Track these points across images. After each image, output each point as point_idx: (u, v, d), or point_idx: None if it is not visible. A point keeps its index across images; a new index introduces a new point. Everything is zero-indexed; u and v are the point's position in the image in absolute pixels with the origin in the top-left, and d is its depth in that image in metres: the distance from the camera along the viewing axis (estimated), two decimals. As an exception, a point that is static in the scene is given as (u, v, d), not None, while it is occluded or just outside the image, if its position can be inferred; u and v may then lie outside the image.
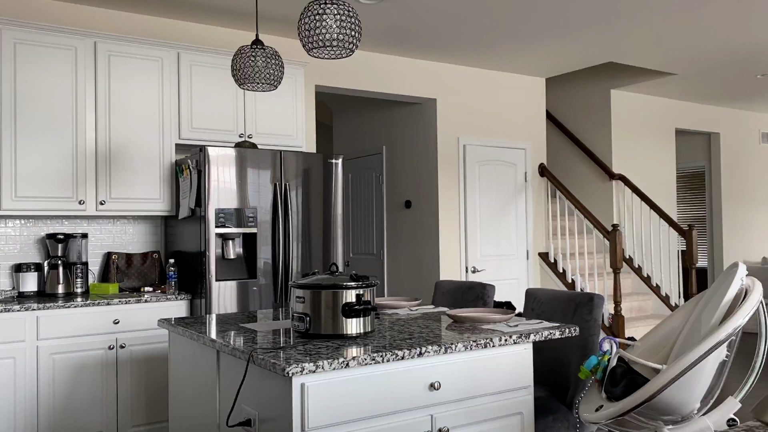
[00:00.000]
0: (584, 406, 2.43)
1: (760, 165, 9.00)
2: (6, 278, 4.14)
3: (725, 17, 4.91)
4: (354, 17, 2.58)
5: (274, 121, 4.71)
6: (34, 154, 3.92)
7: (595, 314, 2.90)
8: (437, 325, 2.73)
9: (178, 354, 2.87)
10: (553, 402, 2.86)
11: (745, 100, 8.12)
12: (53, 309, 3.65)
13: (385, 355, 2.12)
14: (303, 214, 4.36)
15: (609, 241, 5.74)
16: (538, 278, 6.59)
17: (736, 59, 6.11)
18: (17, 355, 3.58)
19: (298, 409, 2.00)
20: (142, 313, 3.89)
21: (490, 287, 3.48)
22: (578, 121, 7.61)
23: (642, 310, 6.67)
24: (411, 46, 5.54)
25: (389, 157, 6.61)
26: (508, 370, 2.45)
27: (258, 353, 2.13)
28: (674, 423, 2.31)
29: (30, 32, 3.92)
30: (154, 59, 4.30)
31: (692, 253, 6.10)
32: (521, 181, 6.54)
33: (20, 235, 4.19)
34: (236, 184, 4.12)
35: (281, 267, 4.26)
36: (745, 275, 2.38)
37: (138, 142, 4.23)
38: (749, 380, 2.37)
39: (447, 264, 6.03)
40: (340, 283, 2.36)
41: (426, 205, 6.15)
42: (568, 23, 4.98)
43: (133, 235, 4.55)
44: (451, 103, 6.12)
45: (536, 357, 3.02)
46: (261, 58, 3.24)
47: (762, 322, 2.36)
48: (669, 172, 7.82)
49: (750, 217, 8.81)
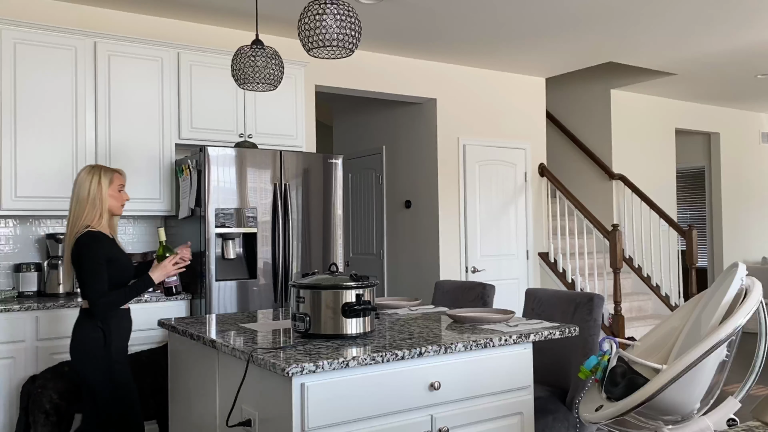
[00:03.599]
0: (584, 406, 2.43)
1: (760, 165, 8.99)
2: (6, 278, 4.13)
3: (725, 17, 4.90)
4: (354, 17, 2.58)
5: (274, 121, 4.71)
6: (34, 153, 3.92)
7: (595, 314, 2.90)
8: (437, 325, 2.73)
9: (178, 354, 2.87)
10: (553, 402, 2.86)
11: (745, 100, 8.12)
12: (53, 309, 3.65)
13: (385, 355, 2.12)
14: (303, 214, 4.36)
15: (609, 241, 5.74)
16: (538, 278, 6.59)
17: (736, 59, 6.10)
18: (17, 355, 3.58)
19: (298, 409, 2.00)
20: (142, 313, 3.89)
21: (490, 287, 3.48)
22: (578, 121, 7.61)
23: (642, 310, 6.66)
24: (411, 46, 5.54)
25: (389, 157, 6.61)
26: (508, 370, 2.45)
27: (258, 353, 2.13)
28: (674, 423, 2.31)
29: (30, 32, 3.92)
30: (154, 59, 4.30)
31: (692, 253, 6.10)
32: (521, 181, 6.54)
33: (20, 235, 4.19)
34: (236, 184, 4.12)
35: (281, 267, 4.26)
36: (745, 275, 2.38)
37: (138, 142, 4.23)
38: (749, 380, 2.37)
39: (447, 264, 6.03)
40: (340, 283, 2.36)
41: (426, 205, 6.15)
42: (568, 23, 4.98)
43: (133, 235, 4.55)
44: (451, 103, 6.11)
45: (536, 357, 3.02)
46: (261, 58, 3.23)
47: (762, 322, 2.36)
48: (669, 172, 7.82)
49: (750, 217, 8.81)
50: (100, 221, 2.87)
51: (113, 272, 2.84)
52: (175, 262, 2.92)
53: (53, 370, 3.34)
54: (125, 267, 2.92)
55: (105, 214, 2.89)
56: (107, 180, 2.90)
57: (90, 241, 2.80)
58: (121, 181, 2.97)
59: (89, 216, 2.85)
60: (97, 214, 2.86)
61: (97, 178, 2.88)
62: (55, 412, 3.26)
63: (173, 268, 2.92)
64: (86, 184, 2.87)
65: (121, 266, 2.89)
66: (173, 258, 2.92)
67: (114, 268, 2.84)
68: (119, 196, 2.95)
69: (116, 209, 2.95)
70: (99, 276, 2.78)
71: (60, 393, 3.28)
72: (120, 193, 2.95)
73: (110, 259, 2.83)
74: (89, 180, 2.87)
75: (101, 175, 2.89)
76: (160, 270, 2.89)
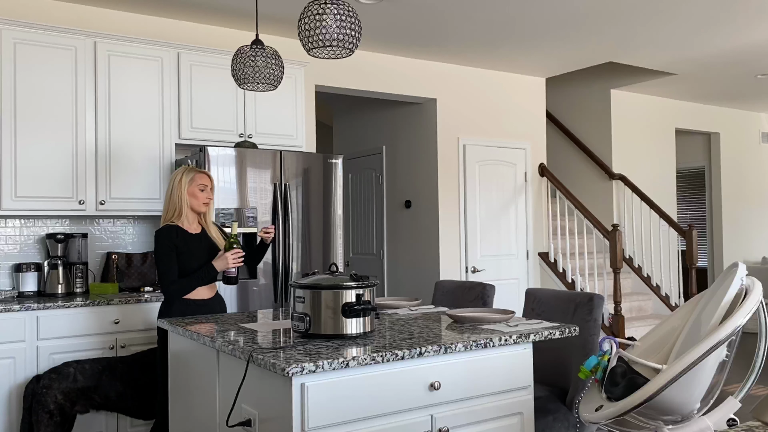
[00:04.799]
0: (584, 406, 2.43)
1: (760, 165, 8.99)
2: (6, 278, 4.14)
3: (725, 17, 4.91)
4: (354, 17, 2.58)
5: (274, 121, 4.71)
6: (34, 153, 3.92)
7: (595, 314, 2.90)
8: (437, 325, 2.73)
9: (178, 354, 2.87)
10: (553, 402, 2.86)
11: (745, 100, 8.12)
12: (53, 309, 3.65)
13: (385, 355, 2.12)
14: (303, 214, 4.36)
15: (609, 241, 5.74)
16: (538, 278, 6.59)
17: (736, 59, 6.11)
18: (17, 355, 3.58)
19: (298, 409, 2.00)
20: (142, 313, 3.89)
21: (490, 287, 3.48)
22: (578, 121, 7.61)
23: (642, 310, 6.66)
24: (411, 46, 5.54)
25: (389, 157, 6.61)
26: (508, 370, 2.45)
27: (258, 353, 2.13)
28: (674, 423, 2.31)
29: (30, 32, 3.92)
30: (154, 59, 4.30)
31: (692, 253, 6.10)
32: (521, 181, 6.54)
33: (20, 235, 4.19)
34: (236, 184, 4.12)
35: (281, 267, 4.26)
36: (745, 275, 2.37)
37: (138, 142, 4.23)
38: (749, 380, 2.37)
39: (447, 264, 6.03)
40: (340, 283, 2.36)
41: (426, 205, 6.15)
42: (568, 23, 4.98)
43: (133, 235, 4.55)
44: (451, 103, 6.11)
45: (536, 357, 3.02)
46: (261, 58, 3.23)
47: (762, 322, 2.36)
48: (669, 172, 7.82)
49: (750, 217, 8.81)
50: (179, 217, 3.25)
51: (181, 262, 3.19)
52: (236, 256, 3.21)
53: (57, 370, 3.35)
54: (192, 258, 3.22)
55: (185, 210, 3.25)
56: (188, 179, 3.26)
57: (158, 235, 3.19)
58: (202, 181, 3.29)
59: (169, 212, 3.26)
60: (176, 211, 3.24)
61: (179, 177, 3.26)
62: (59, 412, 3.26)
63: (233, 261, 3.20)
64: (169, 184, 3.29)
65: (187, 257, 3.20)
66: (235, 252, 3.20)
67: (181, 260, 3.19)
68: (200, 195, 3.28)
69: (197, 206, 3.28)
70: (165, 265, 3.15)
71: (64, 393, 3.28)
72: (203, 192, 3.28)
73: (180, 251, 3.18)
74: (172, 180, 3.28)
75: (183, 175, 3.26)
76: (221, 261, 3.21)
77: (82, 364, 3.41)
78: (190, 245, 3.22)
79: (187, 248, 3.20)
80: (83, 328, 3.73)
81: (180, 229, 3.22)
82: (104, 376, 3.42)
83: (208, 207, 3.34)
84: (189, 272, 3.20)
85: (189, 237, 3.24)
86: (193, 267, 3.21)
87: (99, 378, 3.40)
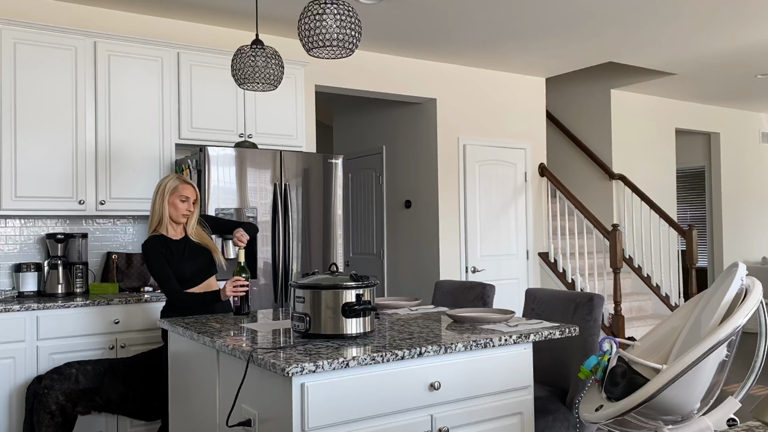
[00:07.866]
0: (584, 406, 2.43)
1: (760, 165, 8.99)
2: (6, 278, 4.13)
3: (725, 17, 4.91)
4: (354, 17, 2.58)
5: (274, 121, 4.71)
6: (34, 153, 3.92)
7: (595, 314, 2.90)
8: (437, 325, 2.73)
9: (178, 354, 2.87)
10: (553, 402, 2.86)
11: (745, 100, 8.12)
12: (53, 309, 3.65)
13: (385, 355, 2.12)
14: (303, 214, 4.36)
15: (609, 241, 5.74)
16: (538, 278, 6.59)
17: (736, 59, 6.11)
18: (17, 355, 3.58)
19: (298, 409, 2.00)
20: (142, 313, 3.89)
21: (490, 287, 3.48)
22: (578, 121, 7.61)
23: (642, 310, 6.66)
24: (411, 46, 5.54)
25: (389, 157, 6.61)
26: (508, 370, 2.45)
27: (258, 353, 2.13)
28: (674, 423, 2.31)
29: (30, 32, 3.92)
30: (154, 59, 4.30)
31: (692, 253, 6.10)
32: (521, 181, 6.54)
33: (20, 235, 4.19)
34: (236, 184, 4.12)
35: (281, 267, 4.26)
36: (745, 275, 2.38)
37: (138, 142, 4.23)
38: (749, 380, 2.37)
39: (447, 264, 6.03)
40: (340, 283, 2.36)
41: (426, 205, 6.15)
42: (568, 23, 4.98)
43: (133, 235, 4.55)
44: (451, 103, 6.11)
45: (536, 357, 3.02)
46: (261, 58, 3.23)
47: (762, 322, 2.36)
48: (669, 172, 7.82)
49: (750, 217, 8.81)
50: (161, 225, 3.24)
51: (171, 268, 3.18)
52: (235, 285, 3.13)
53: (59, 371, 3.35)
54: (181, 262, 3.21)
55: (165, 219, 3.24)
56: (170, 189, 3.24)
57: (145, 248, 3.18)
58: (184, 192, 3.25)
59: (153, 221, 3.26)
60: (159, 220, 3.25)
61: (162, 186, 3.25)
62: (60, 413, 3.26)
63: (231, 291, 3.13)
64: (154, 191, 3.28)
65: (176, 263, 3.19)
66: (235, 281, 3.13)
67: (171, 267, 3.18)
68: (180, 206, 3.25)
69: (175, 217, 3.26)
70: (162, 275, 3.15)
71: (66, 394, 3.28)
72: (183, 203, 3.25)
73: (167, 259, 3.18)
74: (156, 187, 3.28)
75: (167, 184, 3.25)
76: (223, 290, 3.15)
77: (84, 365, 3.41)
78: (174, 252, 3.22)
79: (172, 255, 3.21)
80: (83, 328, 3.73)
81: (164, 238, 3.23)
82: (106, 377, 3.42)
83: (188, 219, 3.30)
84: (181, 277, 3.20)
85: (173, 243, 3.24)
86: (183, 271, 3.21)
87: (101, 379, 3.40)
